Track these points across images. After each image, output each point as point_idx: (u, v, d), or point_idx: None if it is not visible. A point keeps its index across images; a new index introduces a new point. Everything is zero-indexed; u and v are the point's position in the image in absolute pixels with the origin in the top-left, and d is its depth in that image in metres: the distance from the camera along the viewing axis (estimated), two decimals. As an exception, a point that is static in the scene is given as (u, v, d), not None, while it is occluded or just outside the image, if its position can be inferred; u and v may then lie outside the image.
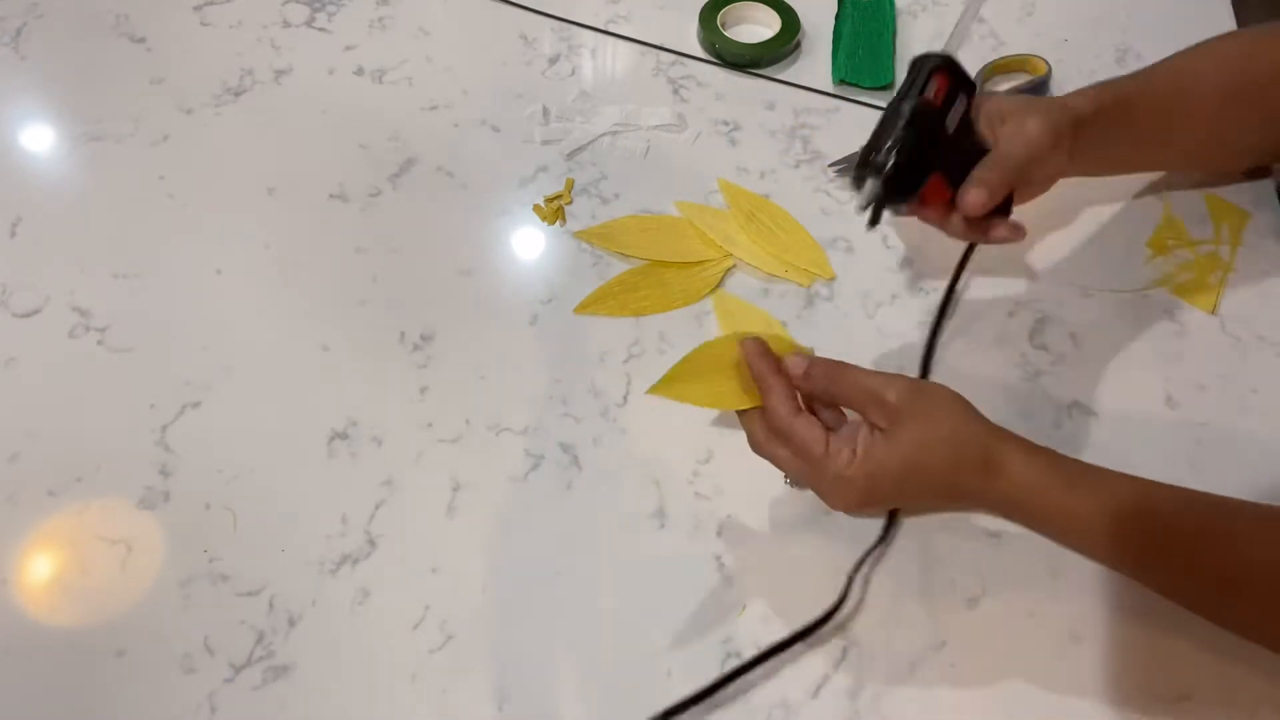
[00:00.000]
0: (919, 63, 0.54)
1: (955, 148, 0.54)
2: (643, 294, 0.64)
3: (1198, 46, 0.62)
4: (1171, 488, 0.50)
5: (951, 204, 0.55)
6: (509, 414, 0.59)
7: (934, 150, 0.53)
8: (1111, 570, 0.52)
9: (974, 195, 0.53)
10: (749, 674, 0.50)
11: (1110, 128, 0.58)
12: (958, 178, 0.54)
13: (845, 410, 0.53)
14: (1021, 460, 0.49)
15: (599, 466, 0.57)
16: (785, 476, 0.55)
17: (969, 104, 0.55)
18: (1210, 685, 0.50)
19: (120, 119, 0.72)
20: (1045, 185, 0.59)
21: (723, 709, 0.49)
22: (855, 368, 0.51)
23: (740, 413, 0.53)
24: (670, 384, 0.52)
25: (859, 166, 0.53)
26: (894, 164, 0.51)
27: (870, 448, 0.49)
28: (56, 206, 0.67)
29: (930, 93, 0.52)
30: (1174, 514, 0.48)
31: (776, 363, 0.51)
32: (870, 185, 0.52)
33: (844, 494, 0.50)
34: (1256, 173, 0.69)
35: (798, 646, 0.51)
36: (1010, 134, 0.55)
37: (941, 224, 0.57)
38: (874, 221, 0.53)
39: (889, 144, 0.51)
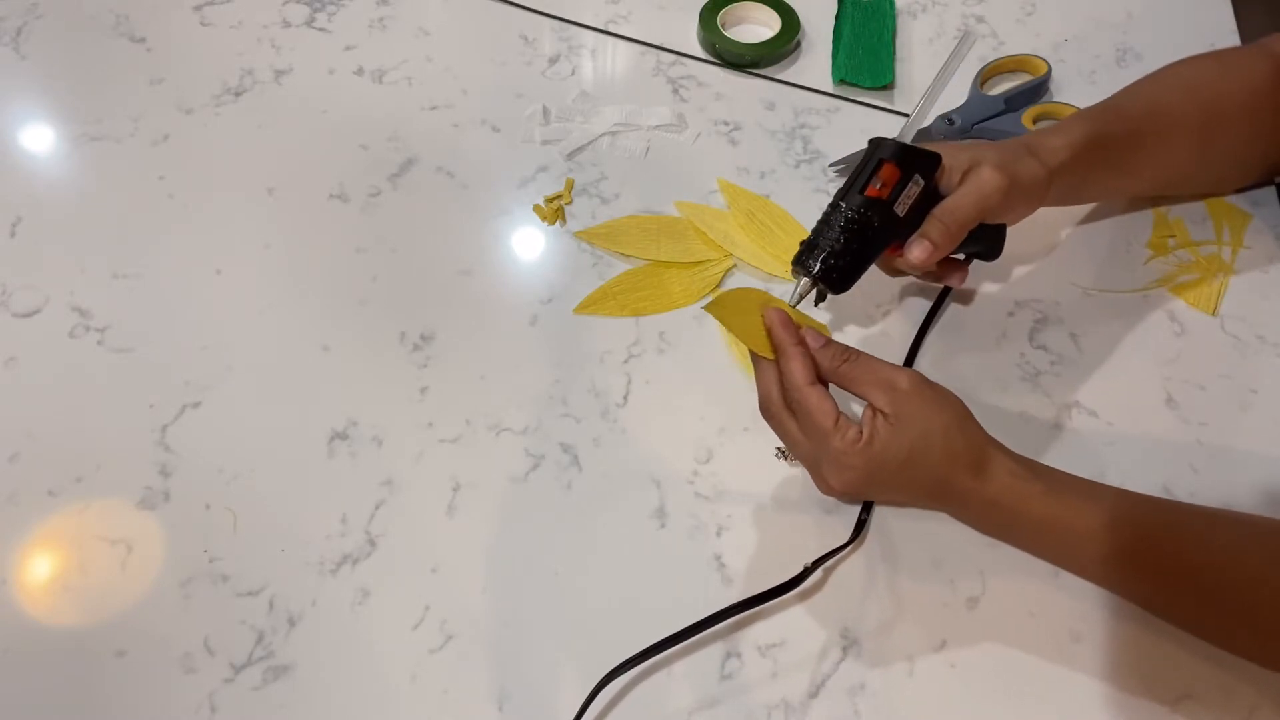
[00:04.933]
0: (871, 150, 0.55)
1: (912, 222, 0.55)
2: (643, 294, 0.64)
3: (1165, 75, 0.63)
4: (1152, 499, 0.50)
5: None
6: (509, 414, 0.59)
7: (886, 234, 0.54)
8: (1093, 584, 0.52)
9: (916, 251, 0.54)
10: (745, 672, 0.50)
11: (1086, 168, 0.58)
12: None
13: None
14: (1006, 467, 0.50)
15: (599, 466, 0.57)
16: (778, 450, 0.55)
17: (929, 179, 0.55)
18: (1210, 685, 0.50)
19: (120, 119, 0.72)
20: (1020, 219, 0.58)
21: (723, 708, 0.49)
22: (867, 355, 0.52)
23: (757, 370, 0.53)
24: (720, 306, 0.53)
25: (796, 261, 0.55)
26: (823, 268, 0.54)
27: (876, 430, 0.49)
28: (56, 206, 0.67)
29: (876, 185, 0.54)
30: (1152, 525, 0.49)
31: (797, 334, 0.52)
32: (802, 284, 0.55)
33: (843, 473, 0.50)
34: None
35: (797, 647, 0.51)
36: (963, 189, 0.54)
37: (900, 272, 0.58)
38: (818, 303, 0.56)
39: (823, 252, 0.54)
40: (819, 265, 0.54)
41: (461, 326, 0.62)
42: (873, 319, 0.64)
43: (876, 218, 0.53)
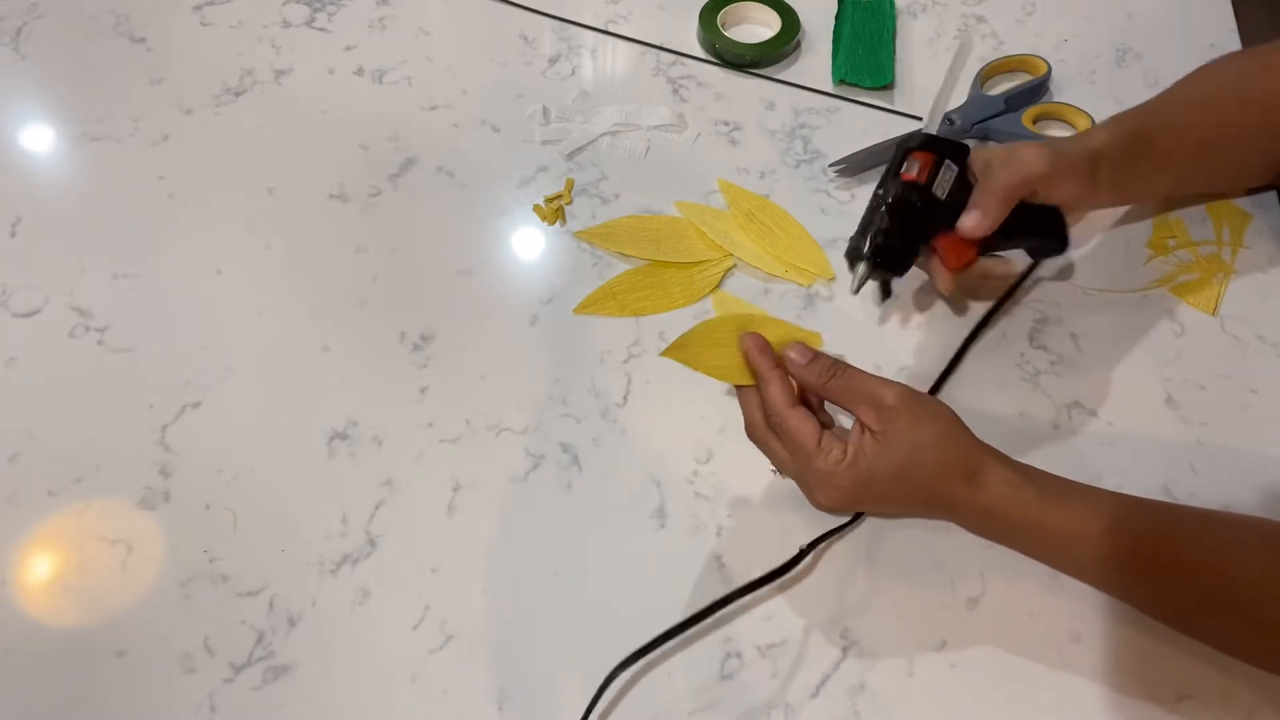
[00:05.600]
0: (900, 146, 0.58)
1: (955, 208, 0.56)
2: (642, 294, 0.64)
3: (1199, 74, 0.63)
4: (1149, 502, 0.50)
5: (974, 248, 0.58)
6: (509, 414, 0.59)
7: (931, 217, 0.56)
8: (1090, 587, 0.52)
9: (969, 219, 0.56)
10: (744, 673, 0.50)
11: (1131, 159, 0.59)
12: None
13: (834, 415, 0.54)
14: (1000, 473, 0.49)
15: (599, 467, 0.57)
16: (772, 465, 0.56)
17: (962, 166, 0.57)
18: (1209, 685, 0.50)
19: (120, 119, 0.72)
20: (1074, 212, 0.60)
21: (723, 708, 0.49)
22: (856, 368, 0.52)
23: (740, 395, 0.54)
24: (682, 349, 0.53)
25: (848, 253, 0.57)
26: (873, 247, 0.55)
27: (862, 449, 0.49)
28: (56, 206, 0.67)
29: (912, 171, 0.56)
30: (1149, 529, 0.48)
31: (775, 358, 0.52)
32: (861, 269, 0.56)
33: (829, 491, 0.50)
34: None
35: (798, 647, 0.51)
36: (1001, 162, 0.56)
37: (953, 274, 0.58)
38: (885, 296, 0.60)
39: (871, 232, 0.56)
40: (869, 244, 0.55)
41: (461, 326, 0.62)
42: (871, 321, 0.64)
43: (917, 199, 0.55)
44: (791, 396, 0.51)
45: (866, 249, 0.55)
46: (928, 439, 0.49)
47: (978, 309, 0.64)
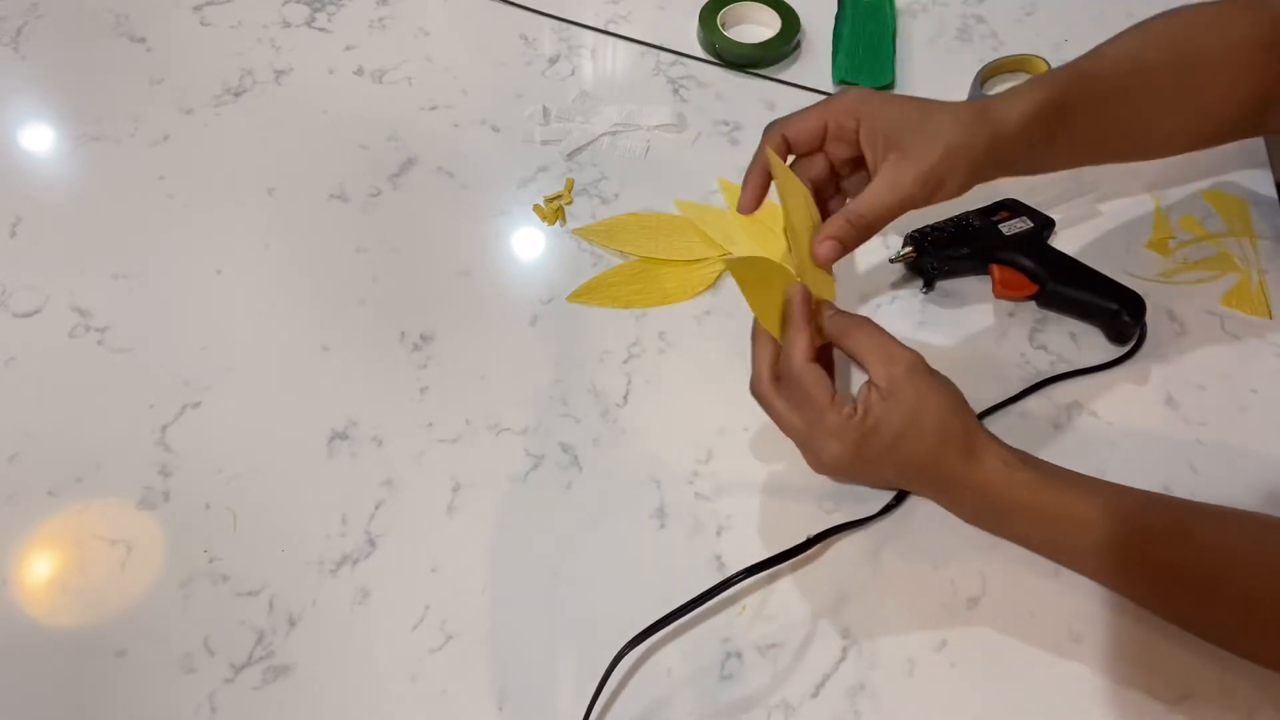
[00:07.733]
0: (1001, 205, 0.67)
1: (1014, 247, 0.64)
2: (636, 287, 0.64)
3: (1147, 29, 0.58)
4: (1149, 493, 0.50)
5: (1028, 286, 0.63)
6: (509, 414, 0.59)
7: (987, 240, 0.64)
8: (1085, 577, 0.52)
9: (824, 250, 0.53)
10: (744, 676, 0.50)
11: (1041, 136, 0.54)
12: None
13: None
14: (999, 453, 0.50)
15: (599, 466, 0.57)
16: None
17: (1040, 226, 0.65)
18: (1210, 685, 0.50)
19: (120, 119, 0.72)
20: (959, 194, 0.54)
21: (723, 708, 0.49)
22: (880, 327, 0.51)
23: (754, 348, 0.53)
24: (743, 266, 0.52)
25: (908, 234, 0.65)
26: (921, 234, 0.64)
27: (870, 404, 0.49)
28: (56, 206, 0.67)
29: (993, 214, 0.66)
30: (1149, 520, 0.48)
31: (810, 314, 0.52)
32: (906, 246, 0.64)
33: (835, 448, 0.49)
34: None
35: (798, 647, 0.51)
36: (876, 185, 0.52)
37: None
38: (926, 288, 0.65)
39: (929, 229, 0.64)
40: (926, 229, 0.64)
41: (461, 326, 0.62)
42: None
43: (979, 223, 0.64)
44: (813, 353, 0.51)
45: (918, 230, 0.64)
46: (933, 407, 0.49)
47: (979, 318, 0.64)
